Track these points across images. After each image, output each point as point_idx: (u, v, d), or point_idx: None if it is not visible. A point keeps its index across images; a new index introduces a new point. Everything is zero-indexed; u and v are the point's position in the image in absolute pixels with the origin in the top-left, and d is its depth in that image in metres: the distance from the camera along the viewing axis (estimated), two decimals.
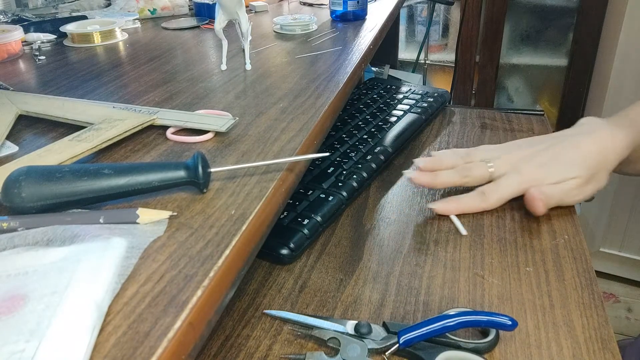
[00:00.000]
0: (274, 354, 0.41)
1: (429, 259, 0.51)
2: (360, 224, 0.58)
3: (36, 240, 0.31)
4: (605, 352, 0.40)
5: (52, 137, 0.46)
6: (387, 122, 0.77)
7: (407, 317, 0.45)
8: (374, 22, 0.86)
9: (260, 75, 0.61)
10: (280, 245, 0.51)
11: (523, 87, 1.87)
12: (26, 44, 0.76)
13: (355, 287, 0.48)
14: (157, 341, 0.24)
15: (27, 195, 0.32)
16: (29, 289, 0.27)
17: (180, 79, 0.61)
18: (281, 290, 0.48)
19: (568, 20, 1.73)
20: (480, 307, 0.45)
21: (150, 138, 0.46)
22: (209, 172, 0.36)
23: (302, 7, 1.04)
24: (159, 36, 0.83)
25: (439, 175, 0.58)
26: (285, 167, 0.40)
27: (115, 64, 0.68)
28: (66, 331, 0.24)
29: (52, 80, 0.61)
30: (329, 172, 0.63)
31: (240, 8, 0.61)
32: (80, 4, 0.99)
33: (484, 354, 0.41)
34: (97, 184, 0.33)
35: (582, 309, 0.45)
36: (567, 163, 0.56)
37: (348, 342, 0.41)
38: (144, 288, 0.28)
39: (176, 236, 0.32)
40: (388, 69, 1.30)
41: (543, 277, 0.48)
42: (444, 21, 1.92)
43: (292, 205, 0.57)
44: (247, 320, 0.45)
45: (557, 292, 0.46)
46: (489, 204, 0.57)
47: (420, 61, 1.93)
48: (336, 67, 0.64)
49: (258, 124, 0.48)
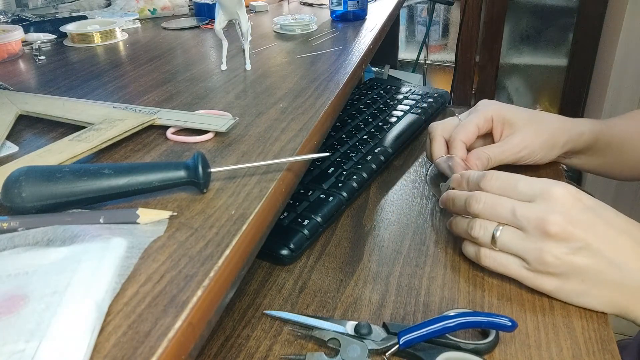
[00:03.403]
0: (274, 354, 0.41)
1: (429, 260, 0.51)
2: (360, 225, 0.58)
3: (36, 240, 0.31)
4: (605, 353, 0.40)
5: (52, 137, 0.46)
6: (387, 123, 0.77)
7: (407, 318, 0.45)
8: (374, 22, 0.86)
9: (260, 75, 0.61)
10: (280, 245, 0.51)
11: (523, 87, 1.87)
12: (26, 44, 0.76)
13: (355, 287, 0.48)
14: (157, 341, 0.24)
15: (27, 195, 0.32)
16: (29, 289, 0.27)
17: (180, 79, 0.61)
18: (281, 291, 0.48)
19: (568, 20, 1.73)
20: (480, 308, 0.45)
21: (150, 138, 0.46)
22: (209, 172, 0.36)
23: (302, 7, 1.04)
24: (159, 36, 0.83)
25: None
26: (285, 167, 0.40)
27: (115, 64, 0.68)
28: (66, 331, 0.24)
29: (52, 80, 0.61)
30: (329, 173, 0.63)
31: (240, 8, 0.61)
32: (80, 4, 0.99)
33: (483, 354, 0.41)
34: (97, 184, 0.33)
35: (581, 309, 0.45)
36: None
37: (348, 342, 0.41)
38: (144, 288, 0.28)
39: (176, 236, 0.32)
40: (388, 69, 1.30)
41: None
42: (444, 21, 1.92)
43: (292, 205, 0.57)
44: (247, 321, 0.45)
45: None
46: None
47: (420, 61, 1.93)
48: (336, 67, 0.64)
49: (258, 124, 0.48)
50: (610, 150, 0.64)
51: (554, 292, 0.45)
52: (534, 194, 0.45)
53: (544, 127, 0.61)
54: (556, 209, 0.43)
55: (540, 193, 0.44)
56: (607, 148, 0.64)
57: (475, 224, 0.47)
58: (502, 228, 0.45)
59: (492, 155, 0.60)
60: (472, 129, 0.61)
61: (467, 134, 0.61)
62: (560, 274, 0.43)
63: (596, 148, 0.63)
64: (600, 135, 0.63)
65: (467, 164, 0.59)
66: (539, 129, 0.61)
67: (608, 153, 0.64)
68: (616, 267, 0.42)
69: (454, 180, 0.53)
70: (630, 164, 0.66)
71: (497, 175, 0.48)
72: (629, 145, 0.64)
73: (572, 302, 0.45)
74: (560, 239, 0.42)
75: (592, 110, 1.71)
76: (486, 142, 0.64)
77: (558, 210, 0.43)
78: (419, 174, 0.68)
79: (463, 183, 0.52)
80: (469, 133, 0.61)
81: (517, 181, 0.46)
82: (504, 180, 0.47)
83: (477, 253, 0.48)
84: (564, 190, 0.44)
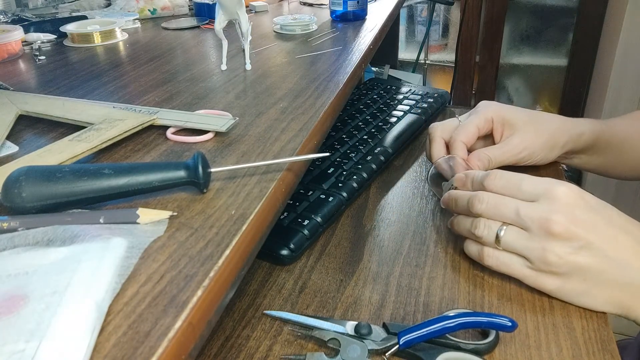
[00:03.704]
0: (274, 354, 0.41)
1: (429, 260, 0.51)
2: (360, 225, 0.58)
3: (36, 240, 0.31)
4: (605, 354, 0.40)
5: (52, 137, 0.46)
6: (387, 123, 0.77)
7: (407, 318, 0.45)
8: (374, 22, 0.86)
9: (260, 75, 0.61)
10: (280, 245, 0.51)
11: (523, 87, 1.87)
12: (26, 44, 0.76)
13: (355, 287, 0.48)
14: (157, 341, 0.24)
15: (27, 195, 0.32)
16: (29, 289, 0.27)
17: (180, 79, 0.61)
18: (281, 291, 0.48)
19: (568, 20, 1.73)
20: (480, 308, 0.45)
21: (151, 138, 0.46)
22: (209, 172, 0.36)
23: (302, 7, 1.04)
24: (159, 36, 0.83)
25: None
26: (285, 167, 0.40)
27: (115, 64, 0.68)
28: (66, 331, 0.24)
29: (52, 80, 0.61)
30: (329, 173, 0.63)
31: (240, 8, 0.61)
32: (80, 4, 0.99)
33: (483, 355, 0.41)
34: (97, 184, 0.33)
35: (581, 310, 0.45)
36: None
37: (348, 342, 0.41)
38: (144, 288, 0.28)
39: (176, 236, 0.32)
40: (388, 69, 1.30)
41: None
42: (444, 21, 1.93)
43: (292, 205, 0.57)
44: (247, 321, 0.45)
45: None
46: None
47: (420, 61, 1.93)
48: (336, 67, 0.64)
49: (258, 124, 0.48)
50: (611, 150, 0.64)
51: (556, 291, 0.45)
52: (538, 193, 0.45)
53: (544, 128, 0.61)
54: (559, 209, 0.43)
55: (544, 193, 0.44)
56: (608, 148, 0.64)
57: (480, 224, 0.47)
58: (506, 228, 0.45)
59: (493, 156, 0.60)
60: (473, 130, 0.61)
61: (468, 135, 0.61)
62: (562, 274, 0.43)
63: (596, 148, 0.64)
64: (600, 135, 0.63)
65: (468, 165, 0.59)
66: (539, 129, 0.61)
67: (608, 153, 0.65)
68: (618, 266, 0.42)
69: (458, 180, 0.53)
70: (630, 163, 0.66)
71: (500, 174, 0.48)
72: (629, 145, 0.64)
73: (573, 301, 0.45)
74: (563, 238, 0.42)
75: (592, 110, 1.71)
76: (486, 144, 0.63)
77: (561, 210, 0.43)
78: (419, 174, 0.68)
79: (467, 182, 0.52)
80: (469, 134, 0.61)
81: (520, 180, 0.46)
82: (507, 180, 0.47)
83: (480, 252, 0.48)
84: (567, 189, 0.44)
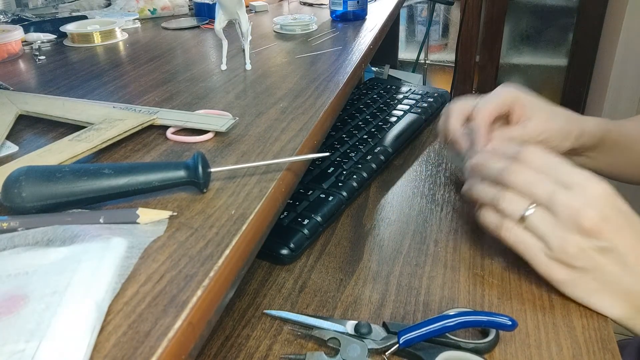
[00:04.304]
0: (274, 354, 0.41)
1: (429, 259, 0.51)
2: (360, 224, 0.58)
3: (36, 240, 0.31)
4: (605, 353, 0.40)
5: (52, 137, 0.46)
6: (387, 122, 0.77)
7: (407, 317, 0.45)
8: (374, 22, 0.86)
9: (260, 75, 0.61)
10: (280, 245, 0.51)
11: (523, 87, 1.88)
12: (26, 44, 0.76)
13: (355, 287, 0.48)
14: (157, 341, 0.24)
15: (27, 195, 0.32)
16: (29, 289, 0.27)
17: (180, 79, 0.61)
18: (281, 290, 0.48)
19: (568, 20, 1.73)
20: (480, 307, 0.45)
21: (150, 138, 0.46)
22: (209, 172, 0.36)
23: (302, 7, 1.04)
24: (159, 36, 0.83)
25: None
26: (285, 167, 0.40)
27: (115, 64, 0.68)
28: (66, 331, 0.24)
29: (52, 80, 0.61)
30: (329, 172, 0.63)
31: (240, 8, 0.61)
32: (80, 4, 0.99)
33: (483, 354, 0.41)
34: (97, 184, 0.33)
35: (582, 309, 0.45)
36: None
37: (348, 342, 0.41)
38: (144, 288, 0.28)
39: (176, 236, 0.32)
40: (388, 69, 1.30)
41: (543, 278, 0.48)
42: (444, 21, 1.93)
43: (292, 205, 0.57)
44: (247, 320, 0.45)
45: (557, 293, 0.46)
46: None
47: (420, 61, 1.93)
48: (336, 67, 0.64)
49: (258, 124, 0.48)
50: (619, 150, 0.64)
51: (563, 283, 0.44)
52: (573, 181, 0.44)
53: (558, 116, 0.61)
54: (593, 204, 0.42)
55: (581, 182, 0.43)
56: (615, 147, 0.63)
57: (507, 196, 0.45)
58: (535, 208, 0.44)
59: (515, 135, 0.58)
60: (492, 108, 0.59)
61: (487, 112, 0.59)
62: (577, 268, 0.43)
63: (604, 146, 0.63)
64: (607, 133, 0.62)
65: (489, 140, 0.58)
66: (554, 116, 0.60)
67: (617, 153, 0.64)
68: (634, 275, 0.42)
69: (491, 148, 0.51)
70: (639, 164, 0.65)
71: (538, 150, 0.46)
72: (638, 146, 0.64)
73: (579, 297, 0.44)
74: (590, 233, 0.42)
75: (592, 110, 1.71)
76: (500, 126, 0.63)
77: (595, 205, 0.42)
78: (419, 173, 0.68)
79: (499, 152, 0.50)
80: (489, 111, 0.59)
81: (558, 163, 0.45)
82: (545, 158, 0.45)
83: (499, 224, 0.46)
84: (605, 186, 0.43)
